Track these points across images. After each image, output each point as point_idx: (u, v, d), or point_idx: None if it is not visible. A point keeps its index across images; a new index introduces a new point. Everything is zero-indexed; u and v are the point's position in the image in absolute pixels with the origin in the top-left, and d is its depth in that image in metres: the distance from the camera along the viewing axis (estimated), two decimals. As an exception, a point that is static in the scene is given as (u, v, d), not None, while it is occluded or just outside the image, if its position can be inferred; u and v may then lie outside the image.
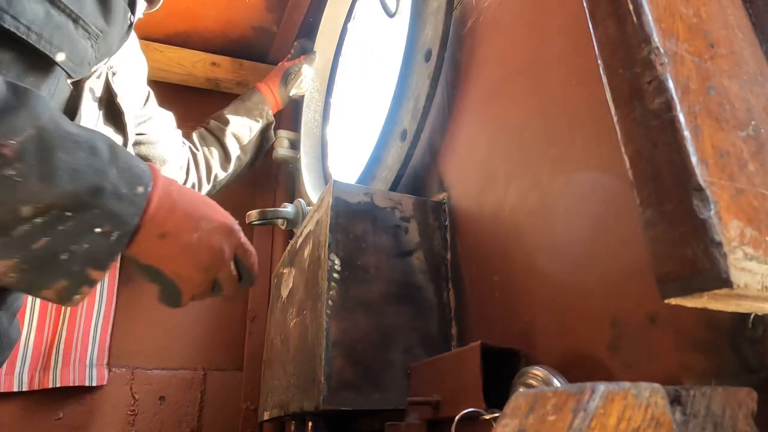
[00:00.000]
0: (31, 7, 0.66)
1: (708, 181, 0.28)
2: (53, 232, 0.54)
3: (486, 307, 0.65)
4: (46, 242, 0.54)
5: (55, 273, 0.56)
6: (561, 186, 0.56)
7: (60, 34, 0.70)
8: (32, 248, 0.54)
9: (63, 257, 0.55)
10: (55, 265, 0.55)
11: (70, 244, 0.55)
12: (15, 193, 0.52)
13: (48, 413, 1.35)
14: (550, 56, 0.61)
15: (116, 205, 0.58)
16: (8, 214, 0.52)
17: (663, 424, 0.27)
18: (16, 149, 0.52)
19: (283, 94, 1.60)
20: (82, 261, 0.56)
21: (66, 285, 0.57)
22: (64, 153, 0.55)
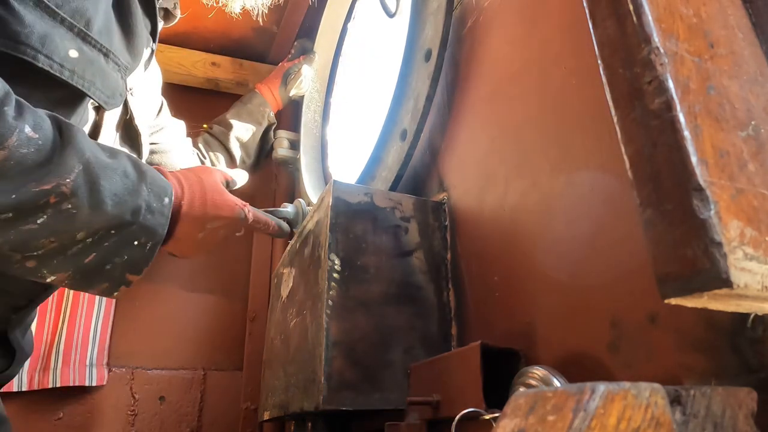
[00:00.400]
0: (64, 45, 0.71)
1: (708, 181, 0.28)
2: (100, 248, 0.65)
3: (486, 307, 0.65)
4: (94, 257, 0.65)
5: (101, 279, 0.67)
6: (561, 186, 0.56)
7: (92, 69, 0.75)
8: (84, 262, 0.65)
9: (107, 267, 0.66)
10: (101, 273, 0.66)
11: (114, 256, 0.66)
12: (72, 223, 0.62)
13: (48, 413, 1.35)
14: (550, 56, 0.61)
15: (150, 220, 0.69)
16: (66, 240, 0.62)
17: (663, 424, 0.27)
18: (71, 186, 0.61)
19: (284, 94, 1.60)
20: (122, 269, 0.68)
21: (107, 286, 0.68)
22: (106, 181, 0.65)
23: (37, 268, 0.62)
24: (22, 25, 0.65)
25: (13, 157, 0.57)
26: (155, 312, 1.55)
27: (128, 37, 0.84)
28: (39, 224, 0.59)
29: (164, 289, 1.58)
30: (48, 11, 0.69)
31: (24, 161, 0.58)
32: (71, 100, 0.74)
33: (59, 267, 0.63)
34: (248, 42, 1.82)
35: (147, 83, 1.01)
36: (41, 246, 0.61)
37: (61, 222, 0.61)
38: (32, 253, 0.61)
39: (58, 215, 0.60)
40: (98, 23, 0.76)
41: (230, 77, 1.82)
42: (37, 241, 0.60)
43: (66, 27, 0.71)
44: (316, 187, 1.46)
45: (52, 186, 0.59)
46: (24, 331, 0.87)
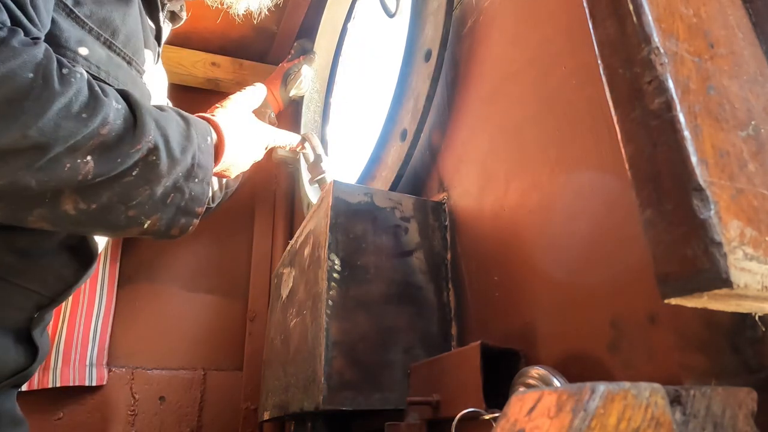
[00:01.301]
0: (96, 50, 0.79)
1: (708, 181, 0.28)
2: (175, 188, 0.77)
3: (486, 307, 0.65)
4: (173, 197, 0.77)
5: (180, 215, 0.80)
6: (561, 186, 0.56)
7: (122, 72, 0.84)
8: (167, 203, 0.77)
9: (182, 204, 0.79)
10: (179, 210, 0.79)
11: (184, 194, 0.79)
12: (158, 171, 0.73)
13: (48, 413, 1.35)
14: (550, 56, 0.61)
15: (203, 159, 0.81)
16: (156, 186, 0.74)
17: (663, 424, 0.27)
18: (153, 141, 0.72)
19: (284, 95, 1.60)
20: (191, 203, 0.80)
21: (185, 221, 0.81)
22: (170, 130, 0.76)
23: (137, 216, 0.74)
24: (60, 30, 0.72)
25: (113, 129, 0.68)
26: (155, 312, 1.55)
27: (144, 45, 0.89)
28: (134, 176, 0.71)
29: (164, 289, 1.58)
30: (78, 21, 0.75)
31: (119, 131, 0.69)
32: None
33: (151, 210, 0.75)
34: (248, 42, 1.82)
35: (154, 85, 1.02)
36: (138, 195, 0.73)
37: (150, 171, 0.72)
38: (132, 202, 0.72)
39: (147, 166, 0.72)
40: (124, 32, 0.82)
41: (230, 77, 1.82)
42: (135, 190, 0.72)
43: (93, 36, 0.78)
44: (316, 187, 1.46)
45: (142, 144, 0.71)
46: (42, 330, 0.88)
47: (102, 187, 0.69)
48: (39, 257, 0.79)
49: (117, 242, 1.52)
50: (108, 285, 1.48)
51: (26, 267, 0.78)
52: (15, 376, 0.81)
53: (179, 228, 0.81)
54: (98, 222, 0.72)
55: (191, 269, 1.63)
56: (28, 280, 0.78)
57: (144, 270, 1.57)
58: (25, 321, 0.81)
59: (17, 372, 0.81)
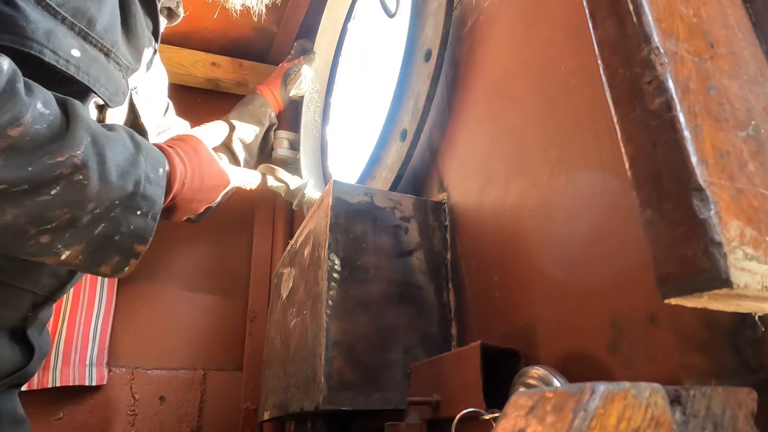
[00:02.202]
0: (68, 42, 0.72)
1: (708, 181, 0.28)
2: (108, 218, 0.67)
3: (486, 307, 0.65)
4: (103, 227, 0.67)
5: (111, 252, 0.69)
6: (561, 186, 0.56)
7: (96, 66, 0.77)
8: (94, 234, 0.66)
9: (116, 238, 0.68)
10: (111, 245, 0.68)
11: (120, 226, 0.69)
12: (84, 194, 0.63)
13: (48, 413, 1.35)
14: (550, 56, 0.61)
15: (149, 189, 0.72)
16: (78, 211, 0.64)
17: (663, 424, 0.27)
18: (82, 158, 0.63)
19: (284, 95, 1.60)
20: (129, 239, 0.70)
21: (119, 260, 0.70)
22: (110, 151, 0.67)
23: (51, 243, 0.63)
24: (27, 21, 0.66)
25: (28, 133, 0.59)
26: (155, 312, 1.55)
27: (129, 38, 0.85)
28: (53, 195, 0.61)
29: (164, 289, 1.58)
30: (49, 10, 0.69)
31: (38, 137, 0.60)
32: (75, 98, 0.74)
33: (72, 240, 0.65)
34: (248, 42, 1.82)
35: (152, 82, 1.01)
36: (55, 218, 0.62)
37: (73, 193, 0.63)
38: (46, 226, 0.62)
39: (70, 186, 0.62)
40: (102, 22, 0.77)
41: (230, 77, 1.82)
42: (51, 212, 0.61)
43: (67, 26, 0.72)
44: (316, 188, 1.46)
45: (65, 158, 0.61)
46: (40, 329, 0.87)
47: (7, 200, 0.59)
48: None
49: (117, 242, 1.52)
50: (108, 285, 1.48)
51: (19, 267, 0.76)
52: (12, 375, 0.81)
53: (111, 267, 0.70)
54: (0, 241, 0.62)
55: (191, 269, 1.63)
56: (21, 280, 0.77)
57: (144, 270, 1.57)
58: (20, 320, 0.80)
59: (14, 372, 0.81)
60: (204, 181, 0.88)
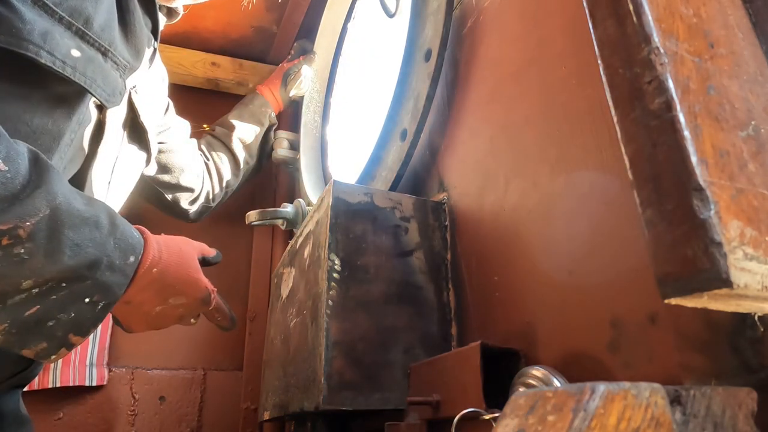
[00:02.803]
0: (64, 42, 0.69)
1: (708, 181, 0.28)
2: (45, 301, 0.57)
3: (486, 307, 0.65)
4: (36, 310, 0.57)
5: (39, 337, 0.58)
6: (561, 186, 0.56)
7: (92, 66, 0.74)
8: (23, 315, 0.57)
9: (50, 324, 0.58)
10: (40, 330, 0.58)
11: (58, 312, 0.58)
12: (20, 269, 0.55)
13: (48, 413, 1.35)
14: (550, 56, 0.61)
15: (109, 277, 0.62)
16: (9, 287, 0.55)
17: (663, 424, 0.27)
18: (30, 231, 0.54)
19: (284, 95, 1.60)
20: (66, 327, 0.59)
21: (45, 347, 0.59)
22: (71, 230, 0.58)
23: None
24: (23, 21, 0.65)
25: None
26: (155, 312, 1.55)
27: (127, 36, 0.84)
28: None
29: (164, 289, 1.58)
30: (46, 9, 0.68)
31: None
32: (72, 98, 0.73)
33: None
34: (248, 42, 1.82)
35: (152, 81, 1.01)
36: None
37: (8, 266, 0.54)
38: None
39: (5, 258, 0.54)
40: (99, 21, 0.76)
41: (230, 77, 1.82)
42: None
43: (64, 25, 0.71)
44: (316, 188, 1.46)
45: (9, 227, 0.53)
46: None
47: None
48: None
49: (117, 242, 1.52)
50: (108, 285, 1.48)
51: None
52: (15, 376, 0.81)
53: (34, 351, 0.59)
54: None
55: (191, 269, 1.63)
56: None
57: (144, 270, 1.57)
58: None
59: (17, 372, 0.81)
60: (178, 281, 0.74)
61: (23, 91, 0.63)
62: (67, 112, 0.73)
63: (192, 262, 0.78)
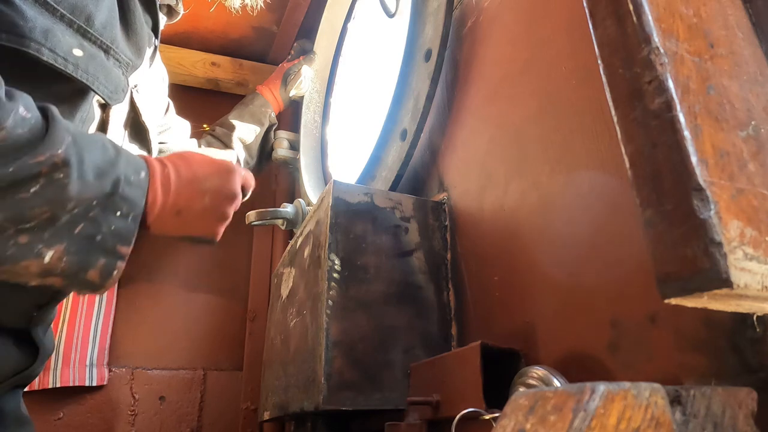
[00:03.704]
0: (66, 40, 0.71)
1: (708, 181, 0.28)
2: (87, 218, 0.65)
3: (486, 307, 0.65)
4: (82, 227, 0.65)
5: (95, 253, 0.67)
6: (561, 186, 0.56)
7: (94, 64, 0.76)
8: (74, 233, 0.65)
9: (98, 238, 0.67)
10: (93, 245, 0.66)
11: (101, 227, 0.67)
12: (63, 193, 0.62)
13: (48, 413, 1.35)
14: (550, 56, 0.61)
15: (128, 191, 0.70)
16: (58, 210, 0.63)
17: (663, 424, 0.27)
18: (63, 157, 0.63)
19: (284, 95, 1.60)
20: (112, 239, 0.68)
21: (104, 262, 0.68)
22: (89, 153, 0.66)
23: (31, 243, 0.62)
24: (24, 19, 0.66)
25: (10, 137, 0.59)
26: (155, 312, 1.55)
27: (128, 34, 0.84)
28: (32, 193, 0.61)
29: (164, 289, 1.58)
30: (47, 7, 0.69)
31: (20, 140, 0.60)
32: (75, 96, 0.74)
33: (52, 240, 0.63)
34: (248, 42, 1.82)
35: (152, 81, 1.01)
36: (34, 216, 0.61)
37: (54, 191, 0.62)
38: (25, 225, 0.61)
39: (50, 185, 0.61)
40: (100, 19, 0.76)
41: (230, 77, 1.82)
42: (30, 210, 0.61)
43: (65, 23, 0.71)
44: (316, 188, 1.46)
45: (46, 157, 0.61)
46: (45, 329, 0.87)
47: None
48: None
49: (117, 242, 1.52)
50: (108, 285, 1.48)
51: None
52: (17, 375, 0.81)
53: (98, 270, 0.67)
54: None
55: (191, 269, 1.63)
56: None
57: (144, 270, 1.57)
58: (24, 320, 0.81)
59: (18, 371, 0.81)
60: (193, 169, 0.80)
61: (26, 89, 0.64)
62: (69, 110, 0.73)
63: (196, 156, 0.84)
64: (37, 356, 0.83)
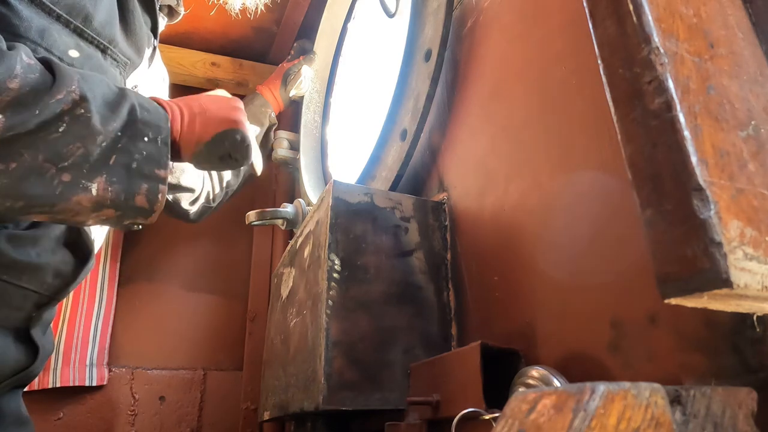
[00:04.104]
0: (63, 40, 0.73)
1: (708, 181, 0.28)
2: (116, 148, 0.68)
3: (486, 307, 0.65)
4: (116, 158, 0.68)
5: (136, 179, 0.70)
6: (561, 186, 0.56)
7: (90, 64, 0.77)
8: (109, 164, 0.68)
9: (133, 165, 0.70)
10: (131, 173, 0.70)
11: (133, 154, 0.70)
12: (89, 126, 0.65)
13: (48, 413, 1.35)
14: (550, 56, 0.61)
15: (147, 116, 0.72)
16: (90, 144, 0.66)
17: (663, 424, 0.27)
18: (79, 93, 0.65)
19: (284, 95, 1.60)
20: (147, 164, 0.71)
21: (147, 187, 0.71)
22: (97, 87, 0.68)
23: (74, 180, 0.65)
24: (20, 19, 0.67)
25: (25, 83, 0.62)
26: (155, 312, 1.55)
27: (128, 34, 0.85)
28: (61, 132, 0.63)
29: (164, 289, 1.58)
30: (43, 7, 0.70)
31: (35, 84, 0.62)
32: None
33: (92, 174, 0.66)
34: (248, 42, 1.82)
35: (152, 81, 1.01)
36: (70, 153, 0.64)
37: (80, 126, 0.65)
38: (64, 164, 0.64)
39: (75, 120, 0.64)
40: (99, 19, 0.77)
41: (230, 77, 1.82)
42: (65, 147, 0.64)
43: (62, 23, 0.72)
44: (316, 188, 1.46)
45: (64, 95, 0.64)
46: (44, 329, 0.87)
47: (20, 143, 0.61)
48: (36, 256, 0.78)
49: (117, 242, 1.52)
50: (108, 285, 1.48)
51: (24, 267, 0.76)
52: (16, 375, 0.81)
53: (144, 196, 0.70)
54: (28, 189, 0.63)
55: (191, 269, 1.63)
56: (26, 280, 0.77)
57: (144, 270, 1.57)
58: (24, 320, 0.81)
59: (18, 371, 0.81)
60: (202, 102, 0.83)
61: None
62: None
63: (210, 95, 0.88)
64: (36, 356, 0.83)
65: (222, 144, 0.81)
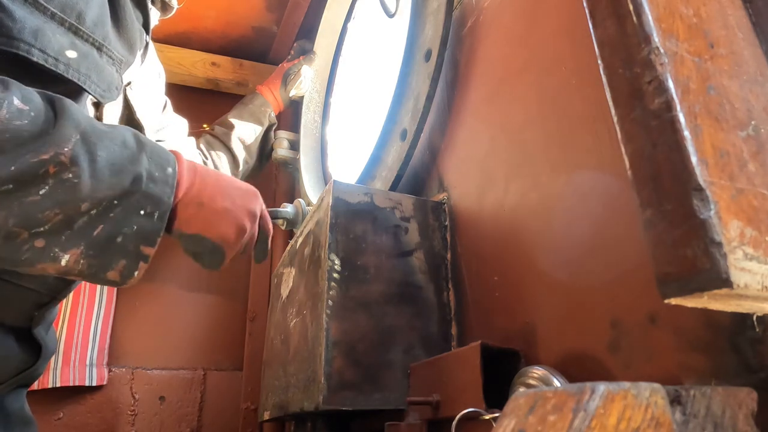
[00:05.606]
0: (57, 39, 0.70)
1: (708, 181, 0.28)
2: (106, 219, 0.63)
3: (486, 307, 0.65)
4: (101, 228, 0.63)
5: (115, 254, 0.64)
6: (561, 186, 0.56)
7: (87, 63, 0.74)
8: (93, 235, 0.62)
9: (119, 240, 0.64)
10: (113, 247, 0.64)
11: (122, 227, 0.64)
12: (75, 193, 0.60)
13: (48, 413, 1.35)
14: (550, 56, 0.61)
15: (153, 188, 0.67)
16: (71, 211, 0.60)
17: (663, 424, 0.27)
18: (70, 155, 0.60)
19: (284, 95, 1.60)
20: (134, 240, 0.65)
21: (126, 263, 0.65)
22: (103, 151, 0.64)
23: (47, 247, 0.60)
24: (12, 20, 0.65)
25: (7, 129, 0.56)
26: (155, 312, 1.55)
27: (119, 30, 0.84)
28: (41, 195, 0.58)
29: (164, 289, 1.58)
30: (37, 6, 0.68)
31: (19, 133, 0.57)
32: (69, 96, 0.73)
33: (69, 243, 0.61)
34: (248, 42, 1.82)
35: (147, 77, 1.00)
36: (46, 220, 0.59)
37: (64, 192, 0.59)
38: (39, 229, 0.59)
39: (59, 185, 0.59)
40: (91, 16, 0.75)
41: (230, 77, 1.82)
42: (41, 213, 0.58)
43: (57, 22, 0.71)
44: (316, 188, 1.46)
45: (51, 155, 0.58)
46: (47, 328, 0.87)
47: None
48: None
49: (117, 242, 1.52)
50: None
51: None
52: (20, 374, 0.81)
53: (118, 272, 0.65)
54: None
55: (191, 269, 1.63)
56: (27, 280, 0.77)
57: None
58: (26, 319, 0.81)
59: (22, 370, 0.81)
60: (219, 193, 0.76)
61: None
62: None
63: (224, 174, 0.82)
64: (39, 355, 0.83)
65: (195, 246, 0.77)
